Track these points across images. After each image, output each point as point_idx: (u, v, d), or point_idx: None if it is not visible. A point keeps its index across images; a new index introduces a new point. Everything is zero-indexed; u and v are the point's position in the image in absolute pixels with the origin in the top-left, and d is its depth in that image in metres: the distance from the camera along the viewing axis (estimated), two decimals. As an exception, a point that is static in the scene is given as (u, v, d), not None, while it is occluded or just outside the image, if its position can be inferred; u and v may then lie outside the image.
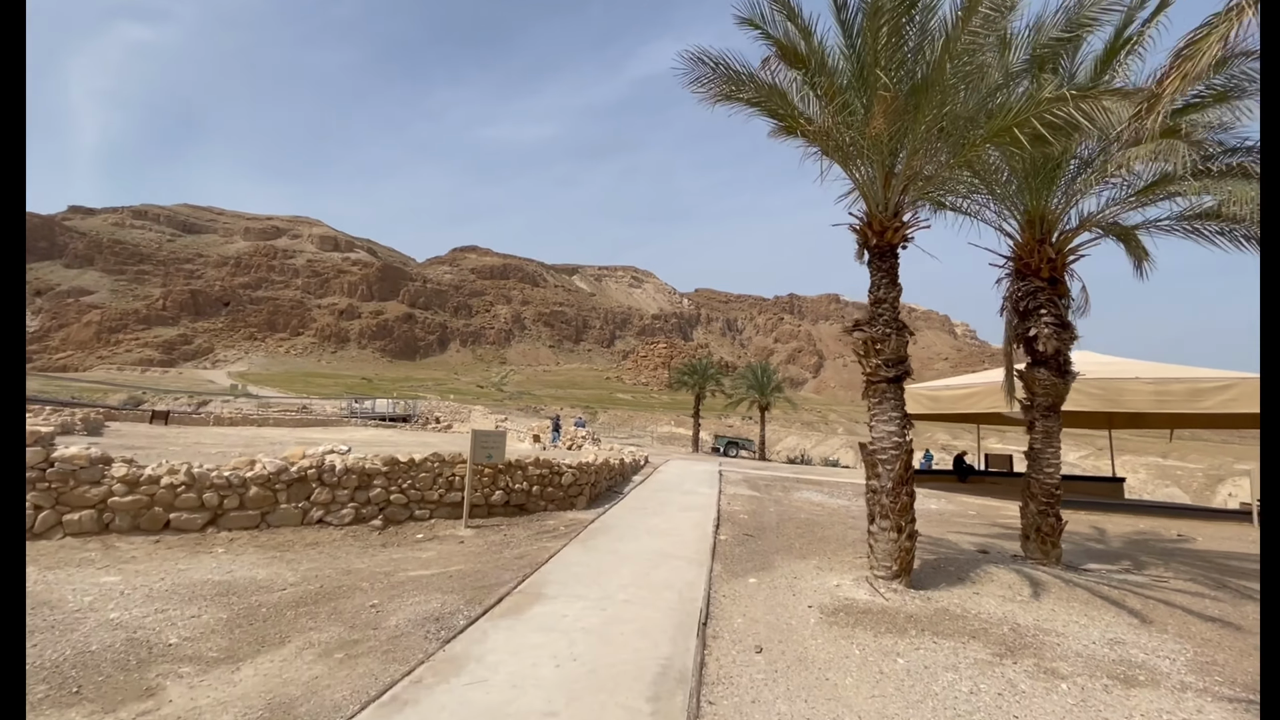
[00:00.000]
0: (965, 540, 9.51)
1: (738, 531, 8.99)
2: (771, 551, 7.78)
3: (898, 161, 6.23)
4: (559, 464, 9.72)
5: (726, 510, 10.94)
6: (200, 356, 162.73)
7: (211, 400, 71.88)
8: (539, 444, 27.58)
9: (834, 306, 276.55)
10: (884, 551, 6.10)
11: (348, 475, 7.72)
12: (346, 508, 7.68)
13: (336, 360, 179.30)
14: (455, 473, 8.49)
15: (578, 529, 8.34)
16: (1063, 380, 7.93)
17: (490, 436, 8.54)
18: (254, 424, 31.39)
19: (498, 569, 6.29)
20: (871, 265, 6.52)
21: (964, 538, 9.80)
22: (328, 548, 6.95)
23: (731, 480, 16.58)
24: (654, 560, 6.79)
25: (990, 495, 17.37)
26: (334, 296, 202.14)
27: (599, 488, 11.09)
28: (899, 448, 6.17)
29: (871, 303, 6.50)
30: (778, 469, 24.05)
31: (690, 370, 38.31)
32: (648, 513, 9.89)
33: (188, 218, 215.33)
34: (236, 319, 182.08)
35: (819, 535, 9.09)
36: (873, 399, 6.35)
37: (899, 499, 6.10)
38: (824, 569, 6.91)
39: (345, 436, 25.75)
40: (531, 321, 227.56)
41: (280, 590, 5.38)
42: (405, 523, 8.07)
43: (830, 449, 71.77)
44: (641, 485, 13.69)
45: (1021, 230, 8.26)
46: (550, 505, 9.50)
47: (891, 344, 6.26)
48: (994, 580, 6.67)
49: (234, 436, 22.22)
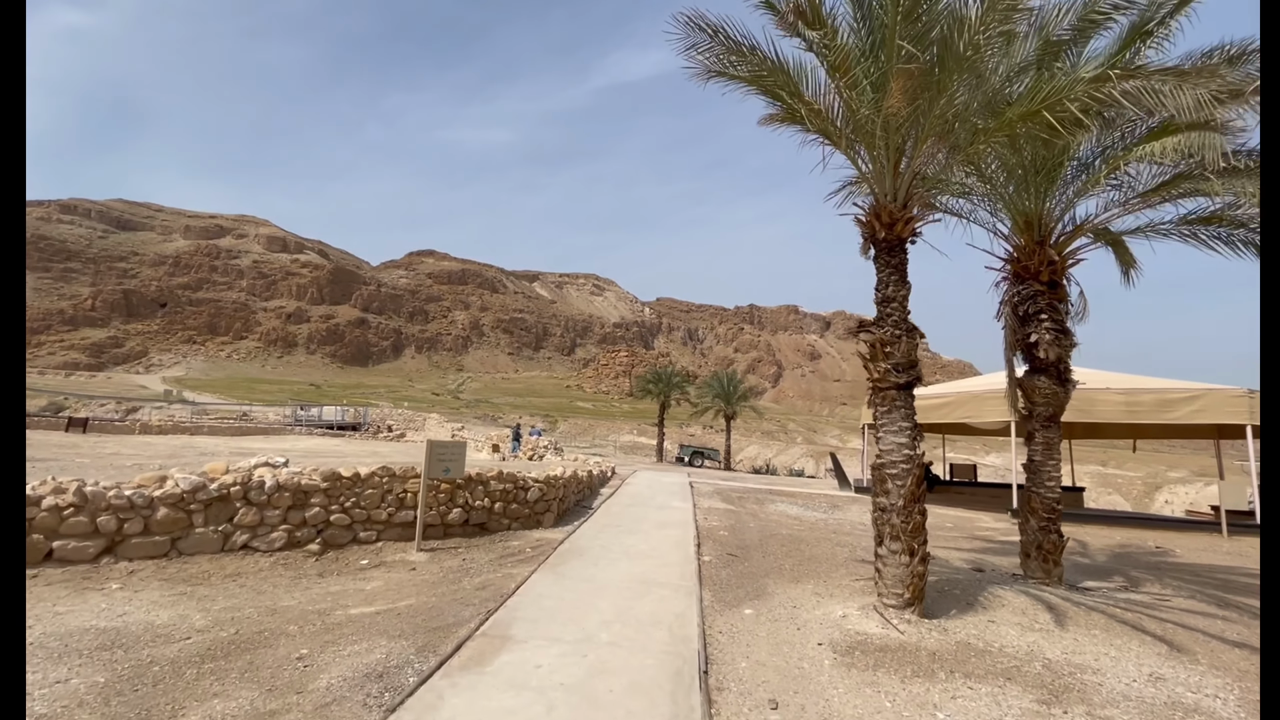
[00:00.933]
0: (955, 557, 9.04)
1: (721, 551, 8.27)
2: (761, 574, 7.08)
3: (910, 146, 5.67)
4: (524, 478, 8.83)
5: (705, 526, 10.23)
6: (132, 360, 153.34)
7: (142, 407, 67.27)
8: (498, 454, 26.38)
9: (793, 317, 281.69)
10: (894, 577, 5.47)
11: (280, 493, 6.66)
12: (278, 531, 6.62)
13: (283, 366, 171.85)
14: (407, 489, 7.51)
15: (546, 551, 7.46)
16: (1064, 389, 7.54)
17: (448, 448, 7.60)
18: (186, 432, 29.08)
19: (456, 603, 5.38)
20: (878, 261, 5.94)
21: (952, 553, 9.34)
22: (252, 580, 5.89)
23: (703, 493, 15.91)
24: (636, 588, 5.99)
25: (959, 505, 17.24)
26: (281, 299, 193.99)
27: (567, 503, 10.22)
28: (910, 461, 5.57)
29: (879, 301, 5.91)
30: (746, 480, 23.55)
31: (655, 378, 37.67)
32: (622, 531, 9.08)
33: (122, 214, 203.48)
34: (174, 321, 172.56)
35: (807, 554, 8.45)
36: (881, 407, 5.75)
37: (911, 518, 5.49)
38: (823, 595, 6.24)
39: (287, 446, 24.02)
40: (490, 328, 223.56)
41: (183, 640, 4.35)
42: (348, 547, 7.04)
43: (791, 458, 72.22)
44: (611, 499, 12.86)
45: (1020, 232, 7.88)
46: (514, 524, 8.58)
47: (902, 347, 5.67)
48: (1004, 605, 6.14)
49: (160, 446, 20.31)
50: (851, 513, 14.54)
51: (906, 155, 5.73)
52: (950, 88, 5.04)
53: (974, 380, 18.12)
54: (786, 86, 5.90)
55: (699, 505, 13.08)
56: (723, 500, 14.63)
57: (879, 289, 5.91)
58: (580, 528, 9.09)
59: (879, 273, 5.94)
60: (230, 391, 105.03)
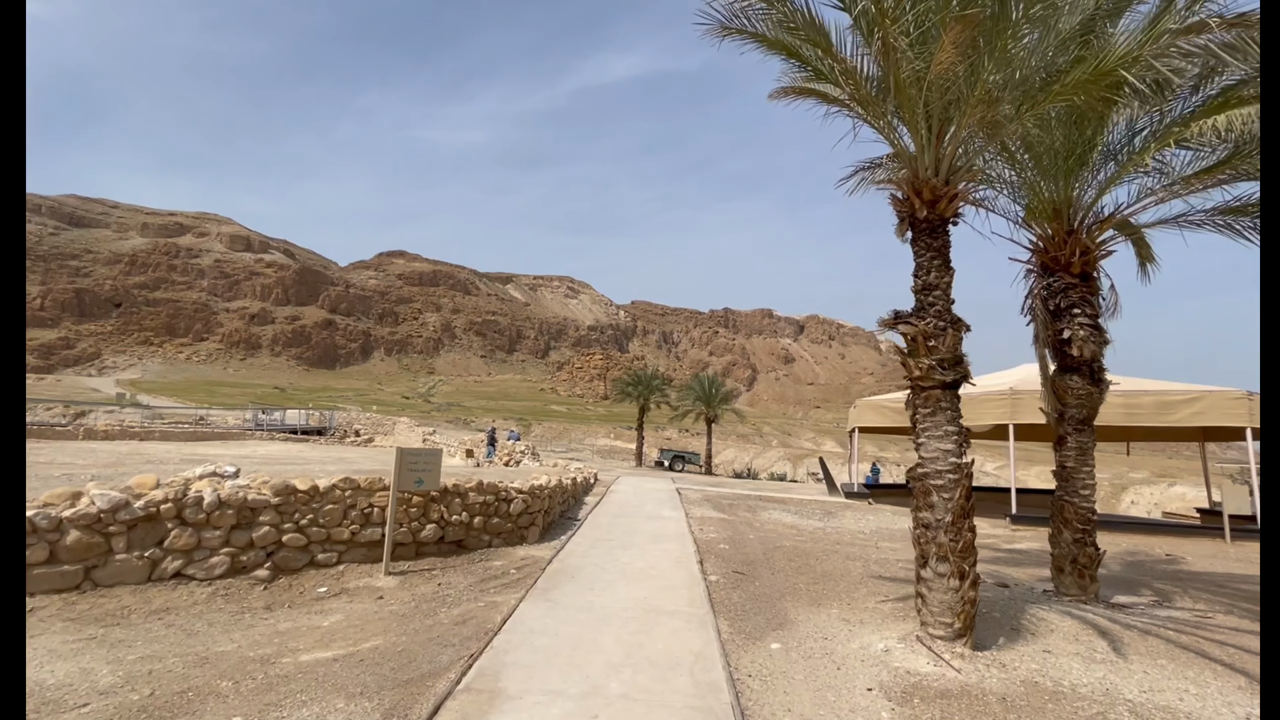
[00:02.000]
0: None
1: (726, 568, 7.50)
2: (776, 596, 6.33)
3: (956, 114, 5.00)
4: (507, 489, 7.94)
5: (702, 539, 9.46)
6: (85, 362, 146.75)
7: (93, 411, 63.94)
8: (472, 459, 25.25)
9: (767, 321, 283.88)
10: (942, 604, 4.76)
11: (221, 510, 5.67)
12: (218, 555, 5.63)
13: (246, 368, 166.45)
14: (374, 503, 6.57)
15: (533, 572, 6.60)
16: (1097, 389, 6.97)
17: (421, 456, 6.68)
18: (135, 437, 27.24)
19: (432, 644, 4.49)
20: (917, 244, 5.26)
21: None
22: (183, 616, 4.91)
23: (692, 500, 15.15)
24: (642, 618, 5.17)
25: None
26: (245, 300, 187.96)
27: (552, 515, 9.35)
28: (958, 471, 4.87)
29: (918, 290, 5.21)
30: (731, 485, 22.87)
31: (634, 381, 36.84)
32: (615, 546, 8.24)
33: (75, 209, 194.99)
34: (129, 321, 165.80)
35: (818, 570, 7.74)
36: (923, 410, 5.05)
37: (961, 536, 4.79)
38: (852, 622, 5.51)
39: (245, 453, 22.55)
40: (462, 330, 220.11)
41: (77, 708, 3.39)
42: (303, 571, 6.07)
43: (769, 462, 72.09)
44: (597, 508, 12.00)
45: (1048, 220, 7.31)
46: (496, 540, 7.68)
47: (947, 340, 4.98)
48: (1052, 630, 5.49)
49: (103, 453, 18.75)
50: (847, 520, 13.94)
51: (953, 124, 5.05)
52: (1014, 37, 4.37)
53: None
54: (816, 42, 5.18)
55: (691, 514, 12.31)
56: (714, 508, 13.90)
57: (919, 275, 5.21)
58: (569, 543, 8.23)
59: (918, 257, 5.25)
60: (189, 395, 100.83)
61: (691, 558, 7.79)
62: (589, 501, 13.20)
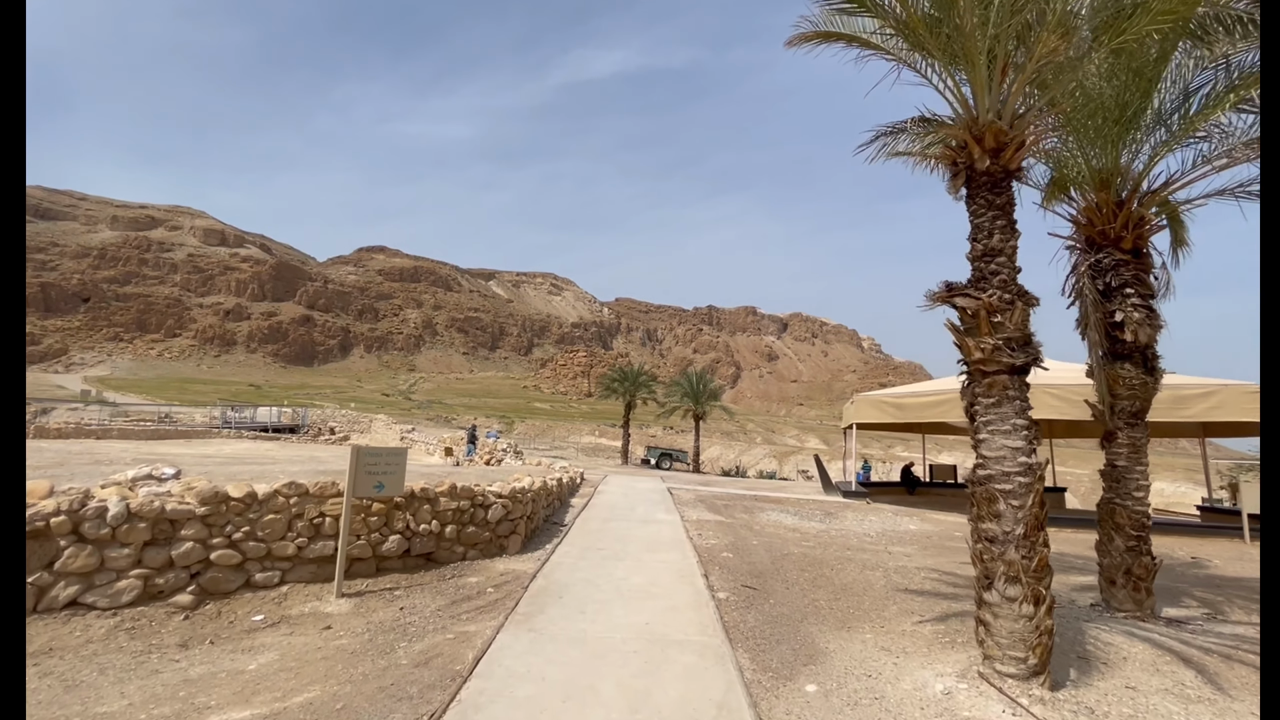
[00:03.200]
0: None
1: (734, 582, 6.62)
2: (797, 618, 5.46)
3: (1026, 41, 4.14)
4: (484, 493, 6.96)
5: (702, 545, 8.57)
6: (51, 359, 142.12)
7: (56, 408, 61.52)
8: (451, 458, 24.13)
9: (751, 319, 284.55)
10: (1012, 635, 3.92)
11: (131, 523, 4.64)
12: (127, 578, 4.60)
13: (220, 365, 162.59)
14: (325, 512, 5.57)
15: (515, 591, 5.65)
16: (1152, 378, 6.21)
17: (381, 456, 5.69)
18: (92, 435, 25.66)
19: (382, 694, 3.54)
20: (976, 201, 4.40)
21: None
22: (69, 660, 3.90)
23: (685, 501, 14.28)
24: (646, 652, 4.26)
25: (948, 509, 16.16)
26: (219, 295, 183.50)
27: (536, 521, 8.39)
28: (1030, 473, 4.03)
29: (978, 256, 4.36)
30: (723, 484, 22.05)
31: (621, 377, 35.88)
32: (607, 556, 7.31)
33: (41, 201, 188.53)
34: (98, 317, 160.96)
35: (837, 583, 6.89)
36: (985, 400, 4.20)
37: (1035, 552, 3.95)
38: (894, 651, 4.65)
39: (209, 451, 21.22)
40: (444, 327, 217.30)
41: None
42: (237, 595, 5.06)
43: (754, 459, 71.67)
44: (585, 511, 11.06)
45: (1095, 188, 6.53)
46: (472, 551, 6.71)
47: (1015, 316, 4.14)
48: (1125, 658, 4.68)
49: (50, 453, 17.34)
50: (849, 521, 13.18)
51: (1019, 56, 4.20)
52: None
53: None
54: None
55: (686, 517, 11.43)
56: (709, 510, 13.04)
57: (978, 239, 4.36)
58: (555, 553, 7.28)
59: (976, 217, 4.40)
60: (160, 392, 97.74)
61: (694, 569, 6.90)
62: (575, 504, 12.26)
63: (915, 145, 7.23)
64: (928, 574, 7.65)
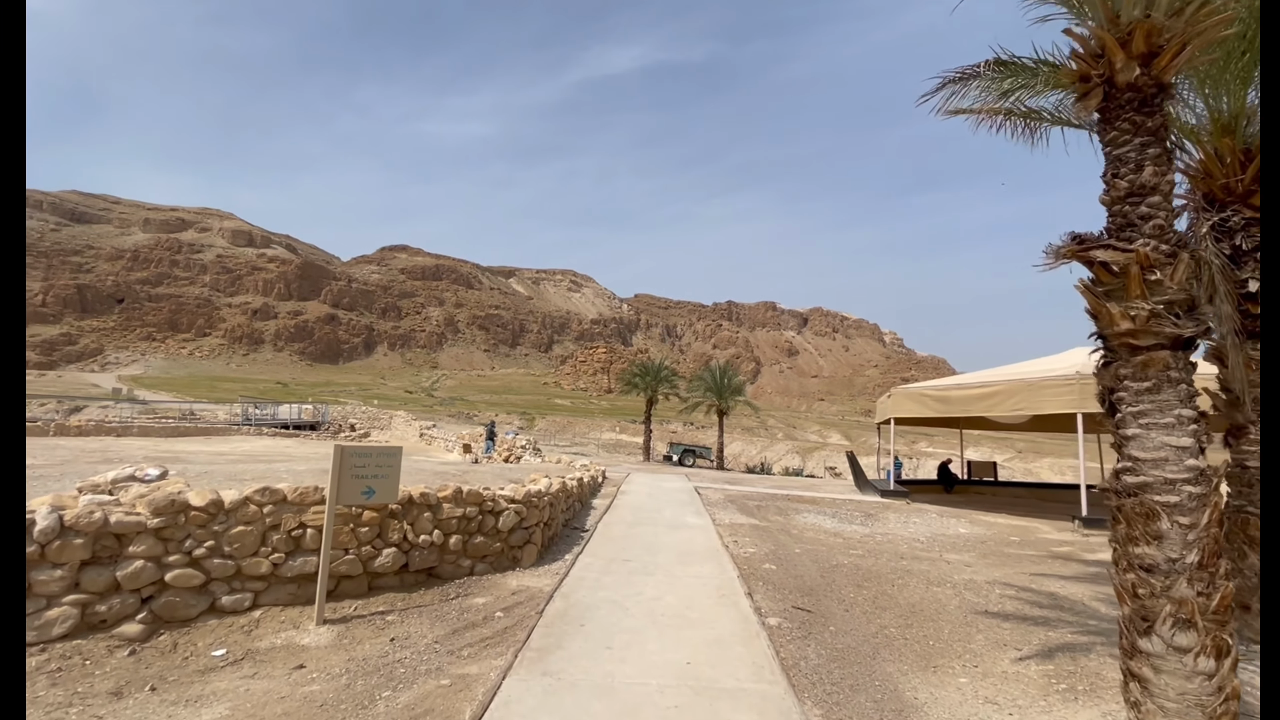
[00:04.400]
0: (1074, 591, 6.62)
1: (783, 601, 5.67)
2: (868, 652, 4.50)
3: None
4: (494, 497, 6.10)
5: (740, 555, 7.63)
6: (87, 358, 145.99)
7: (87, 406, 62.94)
8: (469, 455, 23.50)
9: (771, 314, 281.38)
10: (1185, 698, 2.91)
11: (64, 540, 3.86)
12: (60, 606, 3.83)
13: (248, 363, 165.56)
14: (306, 522, 4.75)
15: (527, 616, 4.78)
16: (1294, 360, 5.10)
17: (371, 457, 4.86)
18: (112, 433, 25.56)
19: (350, 772, 2.68)
20: (1116, 124, 3.38)
21: (1064, 585, 6.94)
22: (-30, 714, 3.11)
23: (714, 501, 13.33)
24: (691, 708, 3.35)
25: (993, 510, 14.99)
26: (247, 295, 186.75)
27: (554, 528, 7.52)
28: (1201, 480, 3.02)
29: (1121, 197, 3.34)
30: (750, 482, 21.04)
31: (643, 372, 34.96)
32: (634, 569, 6.41)
33: (76, 205, 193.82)
34: (131, 317, 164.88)
35: (903, 602, 5.90)
36: (1135, 384, 3.18)
37: (1214, 587, 2.95)
38: (1004, 705, 3.67)
39: (225, 449, 20.86)
40: (465, 324, 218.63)
41: None
42: (198, 622, 4.27)
43: (777, 455, 70.39)
44: (608, 514, 10.19)
45: (1216, 135, 5.43)
46: (480, 564, 5.86)
47: (1179, 272, 3.12)
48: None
49: (63, 451, 17.04)
50: (892, 524, 12.13)
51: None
52: None
53: (1020, 366, 15.92)
54: None
55: (717, 520, 10.49)
56: (740, 511, 12.07)
57: (1120, 174, 3.34)
58: (575, 566, 6.40)
59: (1118, 147, 3.37)
60: (190, 390, 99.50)
61: (735, 586, 5.96)
62: (597, 505, 11.39)
63: (989, 94, 6.21)
64: (1002, 590, 6.63)
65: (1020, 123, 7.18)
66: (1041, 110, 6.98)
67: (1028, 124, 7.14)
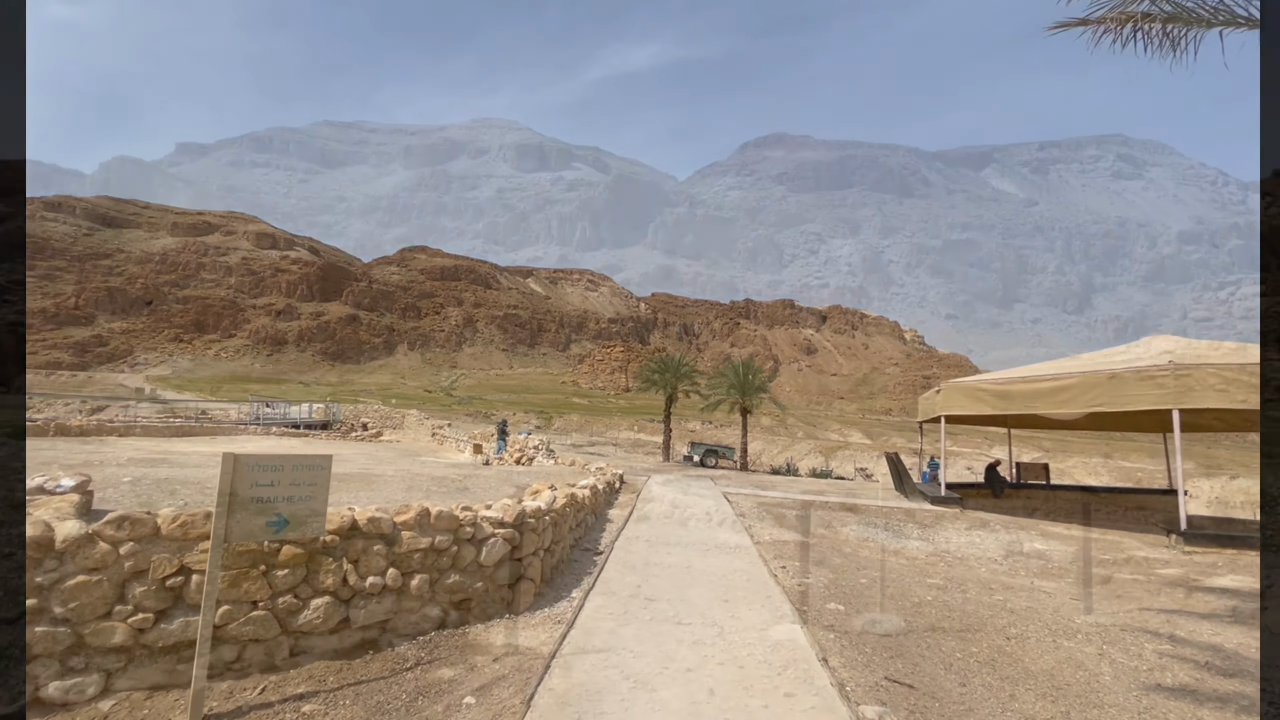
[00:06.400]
0: (1235, 640, 4.92)
1: (872, 672, 4.07)
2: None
3: None
4: (474, 520, 4.57)
5: (792, 588, 6.02)
6: (117, 359, 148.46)
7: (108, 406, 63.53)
8: (480, 456, 22.16)
9: (789, 312, 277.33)
10: None
11: None
12: None
13: (272, 364, 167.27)
14: (191, 564, 3.29)
15: (507, 709, 3.26)
16: None
17: (283, 470, 3.36)
18: (115, 434, 24.72)
19: None
20: None
21: (1216, 632, 5.25)
22: None
23: (746, 510, 11.68)
24: None
25: (1060, 519, 13.17)
26: (270, 296, 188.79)
27: (558, 554, 5.99)
28: None
29: None
30: (780, 485, 19.33)
31: (662, 368, 33.35)
32: (662, 615, 4.86)
33: (108, 210, 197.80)
34: (160, 319, 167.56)
35: (1036, 670, 4.26)
36: None
37: None
38: None
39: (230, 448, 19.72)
40: (484, 324, 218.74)
41: None
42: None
43: (800, 454, 68.16)
44: (626, 529, 8.63)
45: None
46: (456, 612, 4.36)
47: None
48: None
49: (48, 454, 16.01)
50: (953, 537, 10.45)
51: None
52: None
53: (1091, 357, 14.04)
54: None
55: (756, 537, 8.87)
56: (778, 524, 10.44)
57: None
58: (584, 610, 4.86)
59: None
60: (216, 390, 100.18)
61: (802, 641, 4.37)
62: (614, 516, 9.84)
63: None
64: (1153, 645, 4.95)
65: (1159, 29, 5.61)
66: (1193, 9, 5.39)
67: (1166, 31, 5.58)
